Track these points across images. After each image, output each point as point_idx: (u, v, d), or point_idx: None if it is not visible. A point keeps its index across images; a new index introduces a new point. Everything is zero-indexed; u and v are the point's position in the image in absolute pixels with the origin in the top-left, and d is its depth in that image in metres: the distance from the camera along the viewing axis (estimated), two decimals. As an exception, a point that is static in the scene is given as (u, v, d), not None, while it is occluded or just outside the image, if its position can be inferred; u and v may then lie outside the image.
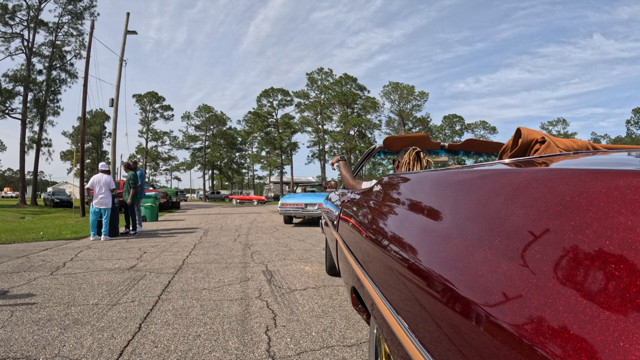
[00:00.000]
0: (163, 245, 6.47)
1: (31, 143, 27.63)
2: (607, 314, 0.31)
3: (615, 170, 0.42)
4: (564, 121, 60.29)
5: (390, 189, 1.27)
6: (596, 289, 0.33)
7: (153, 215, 12.40)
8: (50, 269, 4.42)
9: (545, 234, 0.42)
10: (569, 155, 0.86)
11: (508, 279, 0.43)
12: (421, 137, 2.96)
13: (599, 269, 0.34)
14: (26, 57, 27.53)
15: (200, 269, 4.43)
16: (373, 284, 0.98)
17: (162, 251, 5.77)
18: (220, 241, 6.99)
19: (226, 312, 2.86)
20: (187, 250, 5.82)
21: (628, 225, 0.34)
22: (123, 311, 2.84)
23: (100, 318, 2.69)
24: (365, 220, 1.33)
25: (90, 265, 4.61)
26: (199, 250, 5.89)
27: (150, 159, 58.27)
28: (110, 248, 6.12)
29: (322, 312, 2.87)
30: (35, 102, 27.06)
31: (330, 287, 3.62)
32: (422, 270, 0.65)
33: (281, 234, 8.43)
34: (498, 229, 0.51)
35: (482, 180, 0.67)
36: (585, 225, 0.38)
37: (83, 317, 2.72)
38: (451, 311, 0.51)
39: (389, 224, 1.02)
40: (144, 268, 4.46)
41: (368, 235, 1.15)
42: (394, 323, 0.75)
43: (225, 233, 8.46)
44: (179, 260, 4.95)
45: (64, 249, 5.98)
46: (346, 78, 50.90)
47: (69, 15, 28.63)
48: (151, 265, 4.66)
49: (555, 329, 0.34)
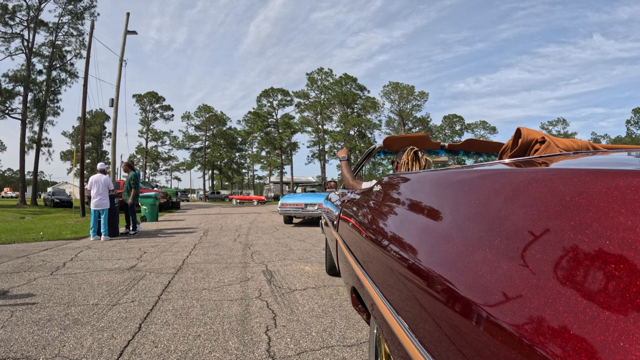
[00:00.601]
0: (163, 245, 6.47)
1: (31, 143, 27.61)
2: (607, 314, 0.31)
3: (615, 170, 0.42)
4: (564, 121, 60.31)
5: (390, 189, 1.27)
6: (596, 289, 0.33)
7: (153, 216, 12.40)
8: (50, 269, 4.41)
9: (545, 234, 0.42)
10: (569, 155, 0.86)
11: (508, 278, 0.43)
12: (421, 137, 2.97)
13: (599, 269, 0.34)
14: (26, 57, 27.51)
15: (200, 269, 4.43)
16: (373, 284, 0.98)
17: (162, 251, 5.78)
18: (220, 241, 6.99)
19: (226, 312, 2.86)
20: (187, 251, 5.82)
21: (628, 225, 0.34)
22: (123, 311, 2.84)
23: (100, 318, 2.69)
24: (365, 220, 1.33)
25: (90, 266, 4.61)
26: (199, 250, 5.90)
27: (150, 159, 58.29)
28: (110, 248, 6.12)
29: (322, 312, 2.87)
30: (35, 102, 27.04)
31: (330, 287, 3.63)
32: (422, 270, 0.65)
33: (281, 234, 8.44)
34: (498, 229, 0.51)
35: (482, 180, 0.67)
36: (585, 225, 0.38)
37: (83, 317, 2.72)
38: (451, 311, 0.51)
39: (389, 224, 1.02)
40: (144, 268, 4.47)
41: (368, 235, 1.15)
42: (394, 323, 0.75)
43: (225, 233, 8.46)
44: (179, 261, 4.96)
45: (64, 249, 5.98)
46: (346, 78, 50.94)
47: (69, 15, 28.63)
48: (151, 265, 4.66)
49: (555, 329, 0.34)
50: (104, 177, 7.56)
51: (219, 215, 15.33)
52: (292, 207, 10.34)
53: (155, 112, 57.37)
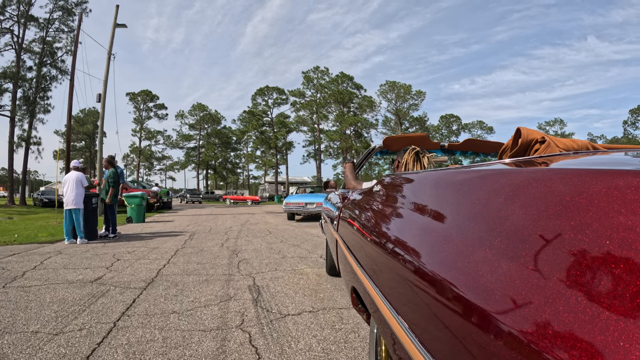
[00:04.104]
0: (141, 251, 5.82)
1: (20, 141, 27.05)
2: (608, 314, 0.30)
3: (615, 170, 0.42)
4: (561, 121, 60.28)
5: (390, 189, 1.25)
6: (596, 289, 0.32)
7: (139, 217, 11.74)
8: (6, 279, 3.81)
9: (545, 234, 0.41)
10: (568, 155, 0.86)
11: (508, 279, 0.42)
12: (421, 137, 2.96)
13: (599, 269, 0.33)
14: (16, 53, 26.82)
15: (175, 282, 3.80)
16: (373, 283, 0.96)
17: (138, 258, 5.13)
18: (205, 246, 6.34)
19: (194, 351, 2.21)
20: (166, 258, 5.18)
21: (628, 225, 0.33)
22: (64, 345, 2.23)
23: (32, 356, 2.07)
24: (364, 220, 1.32)
25: (52, 276, 3.98)
26: (179, 257, 5.25)
27: (144, 158, 57.48)
28: (82, 254, 5.48)
29: (323, 353, 2.22)
30: (24, 99, 26.40)
31: (332, 310, 2.99)
32: (422, 270, 0.63)
33: (274, 237, 7.80)
34: (498, 229, 0.50)
35: (482, 180, 0.66)
36: (585, 225, 0.37)
37: (12, 352, 2.11)
38: (451, 311, 0.50)
39: (389, 224, 1.00)
40: (110, 281, 3.84)
41: (368, 235, 1.13)
42: (394, 323, 0.73)
43: (212, 237, 7.81)
44: (154, 271, 4.32)
45: (31, 255, 5.35)
46: (342, 76, 50.30)
47: (60, 11, 28.00)
48: (120, 276, 4.03)
49: (555, 329, 0.34)
50: (76, 174, 6.91)
51: (209, 217, 14.67)
52: (294, 205, 12.34)
53: (149, 110, 56.58)
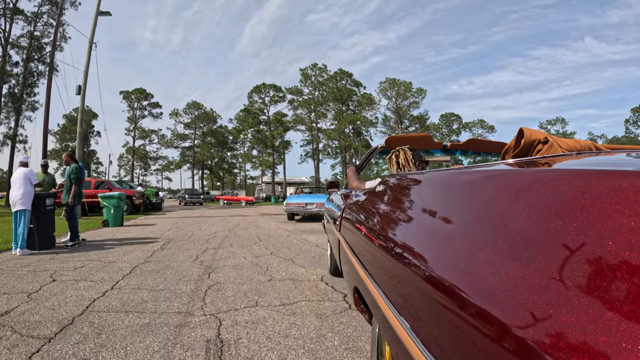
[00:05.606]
0: (91, 267, 4.57)
1: (5, 139, 25.88)
2: (610, 315, 0.30)
3: (618, 171, 0.42)
4: (563, 120, 59.36)
5: (392, 190, 1.23)
6: (599, 290, 0.32)
7: (117, 220, 10.48)
8: None
9: (548, 235, 0.41)
10: (571, 155, 0.86)
11: (510, 279, 0.42)
12: (423, 137, 2.95)
13: (602, 270, 0.33)
14: (2, 48, 25.56)
15: (100, 327, 2.54)
16: (375, 284, 0.95)
17: (79, 279, 3.89)
18: (174, 261, 5.04)
19: None
20: (115, 279, 3.91)
21: (631, 226, 0.33)
22: None
23: None
24: (367, 220, 1.30)
25: None
26: (132, 279, 3.97)
27: (138, 157, 56.16)
28: (15, 272, 4.24)
29: None
30: (10, 95, 25.15)
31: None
32: (424, 271, 0.63)
33: (263, 247, 6.52)
34: (501, 229, 0.50)
35: (485, 180, 0.66)
36: (588, 226, 0.37)
37: None
38: (453, 311, 0.49)
39: (391, 224, 0.99)
40: (16, 319, 2.63)
41: (370, 235, 1.11)
42: (395, 323, 0.73)
43: (189, 246, 6.54)
44: (83, 304, 3.06)
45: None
46: (341, 73, 49.11)
47: (48, 5, 26.74)
48: (35, 310, 2.81)
49: (557, 329, 0.34)
50: (24, 170, 5.68)
51: (197, 219, 13.41)
52: (295, 205, 12.48)
53: (143, 109, 55.24)
